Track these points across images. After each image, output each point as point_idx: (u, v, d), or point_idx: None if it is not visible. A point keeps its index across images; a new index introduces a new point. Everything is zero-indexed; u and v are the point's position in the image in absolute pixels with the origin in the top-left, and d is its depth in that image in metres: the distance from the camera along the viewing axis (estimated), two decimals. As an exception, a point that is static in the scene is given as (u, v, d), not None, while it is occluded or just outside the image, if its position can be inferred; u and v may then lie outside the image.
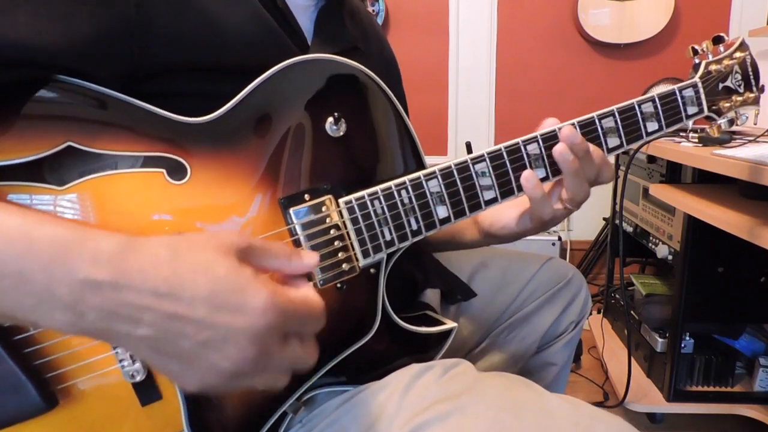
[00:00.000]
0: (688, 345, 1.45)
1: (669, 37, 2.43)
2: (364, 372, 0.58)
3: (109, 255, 0.37)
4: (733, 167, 0.98)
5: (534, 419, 0.48)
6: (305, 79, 0.53)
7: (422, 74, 2.51)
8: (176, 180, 0.48)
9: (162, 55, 0.49)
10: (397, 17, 2.47)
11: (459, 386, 0.52)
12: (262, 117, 0.52)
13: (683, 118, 0.66)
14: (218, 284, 0.37)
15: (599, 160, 0.60)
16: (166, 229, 0.48)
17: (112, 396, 0.48)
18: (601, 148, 0.61)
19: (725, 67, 0.68)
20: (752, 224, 0.94)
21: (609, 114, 0.62)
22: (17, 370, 0.43)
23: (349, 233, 0.54)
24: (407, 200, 0.56)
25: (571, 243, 2.59)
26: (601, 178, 0.61)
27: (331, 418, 0.55)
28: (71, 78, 0.46)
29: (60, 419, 0.46)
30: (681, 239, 1.38)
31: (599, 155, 0.60)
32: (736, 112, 0.69)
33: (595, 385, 1.71)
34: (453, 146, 2.58)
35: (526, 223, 0.66)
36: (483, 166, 0.58)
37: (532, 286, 0.88)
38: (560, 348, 0.90)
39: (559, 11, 2.45)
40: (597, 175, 0.61)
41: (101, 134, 0.46)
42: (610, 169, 0.62)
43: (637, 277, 1.82)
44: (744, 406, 1.43)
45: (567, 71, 2.51)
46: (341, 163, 0.55)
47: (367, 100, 0.56)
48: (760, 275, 1.38)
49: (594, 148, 0.60)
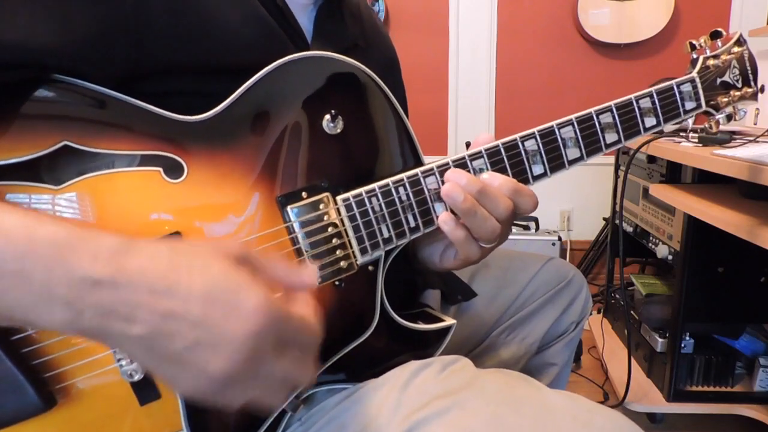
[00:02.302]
0: (688, 345, 1.45)
1: (669, 37, 2.43)
2: (364, 369, 0.58)
3: (109, 254, 0.37)
4: (733, 167, 0.98)
5: (533, 414, 0.48)
6: (301, 76, 0.53)
7: (422, 74, 2.51)
8: (173, 178, 0.48)
9: (159, 55, 0.49)
10: (397, 17, 2.47)
11: (458, 382, 0.52)
12: (258, 115, 0.52)
13: (681, 113, 0.65)
14: (214, 283, 0.38)
15: (507, 191, 0.55)
16: (166, 228, 0.48)
17: (111, 395, 0.47)
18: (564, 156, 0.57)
19: (723, 62, 0.68)
20: (752, 224, 0.94)
21: (606, 109, 0.61)
22: (15, 370, 0.43)
23: (346, 231, 0.54)
24: (405, 197, 0.56)
25: (571, 243, 2.59)
26: (519, 209, 0.57)
27: (330, 415, 0.55)
28: (67, 77, 0.46)
29: (58, 419, 0.46)
30: (681, 239, 1.38)
31: (507, 187, 0.55)
32: (734, 107, 0.69)
33: (595, 385, 1.71)
34: (453, 146, 2.58)
35: (449, 258, 0.63)
36: (480, 162, 0.58)
37: (533, 287, 0.87)
38: (561, 348, 0.90)
39: (559, 11, 2.45)
40: (508, 209, 0.55)
41: (98, 133, 0.46)
42: (527, 198, 0.57)
43: (637, 277, 1.82)
44: (744, 406, 1.43)
45: (567, 71, 2.51)
46: (339, 161, 0.55)
47: (364, 98, 0.56)
48: (760, 275, 1.38)
49: (500, 182, 0.55)
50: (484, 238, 0.56)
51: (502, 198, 0.55)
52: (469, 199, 0.54)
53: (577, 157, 0.61)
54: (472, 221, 0.55)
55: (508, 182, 0.56)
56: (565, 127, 0.60)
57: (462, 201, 0.54)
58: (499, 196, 0.55)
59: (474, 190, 0.54)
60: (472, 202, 0.54)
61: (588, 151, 0.61)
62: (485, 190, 0.54)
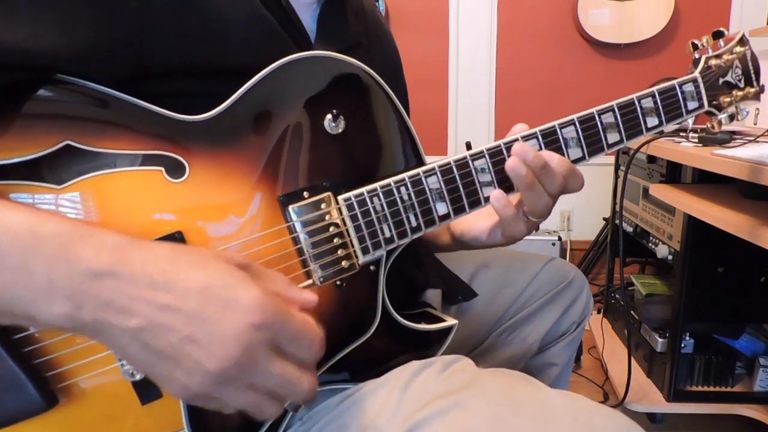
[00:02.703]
0: (688, 345, 1.45)
1: (669, 37, 2.43)
2: (365, 369, 0.58)
3: (112, 248, 0.38)
4: (733, 167, 0.98)
5: (533, 414, 0.48)
6: (303, 76, 0.53)
7: (422, 74, 2.51)
8: (175, 178, 0.48)
9: (163, 56, 0.49)
10: (397, 17, 2.48)
11: (459, 382, 0.52)
12: (260, 114, 0.52)
13: (683, 113, 0.65)
14: (212, 279, 0.38)
15: (563, 170, 0.58)
16: (167, 227, 0.48)
17: (112, 394, 0.47)
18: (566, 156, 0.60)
19: (725, 62, 0.68)
20: (752, 224, 0.94)
21: (609, 109, 0.61)
22: (17, 369, 0.43)
23: (348, 230, 0.54)
24: (406, 197, 0.56)
25: (571, 243, 2.59)
26: (568, 188, 0.60)
27: (331, 415, 0.55)
28: (70, 77, 0.46)
29: (60, 418, 0.46)
30: (681, 239, 1.38)
31: (564, 166, 0.58)
32: (736, 107, 0.69)
33: (595, 385, 1.71)
34: (453, 146, 2.58)
35: (496, 237, 0.66)
36: (482, 162, 0.58)
37: (534, 287, 0.87)
38: (562, 348, 0.90)
39: (559, 11, 2.45)
40: (562, 187, 0.59)
41: (100, 133, 0.46)
42: (577, 179, 0.60)
43: (637, 277, 1.82)
44: (744, 406, 1.43)
45: (567, 71, 2.51)
46: (340, 161, 0.55)
47: (366, 97, 0.56)
48: (760, 275, 1.38)
49: (558, 160, 0.58)
50: (537, 212, 0.59)
51: (559, 176, 0.58)
52: (530, 175, 0.56)
53: (579, 157, 0.61)
54: (529, 196, 0.58)
55: (564, 161, 0.58)
56: (567, 127, 0.60)
57: (524, 175, 0.56)
58: (557, 173, 0.58)
59: (537, 166, 0.56)
60: (533, 177, 0.57)
61: (590, 150, 0.61)
62: (546, 166, 0.57)
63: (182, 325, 0.37)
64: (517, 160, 0.56)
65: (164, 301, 0.37)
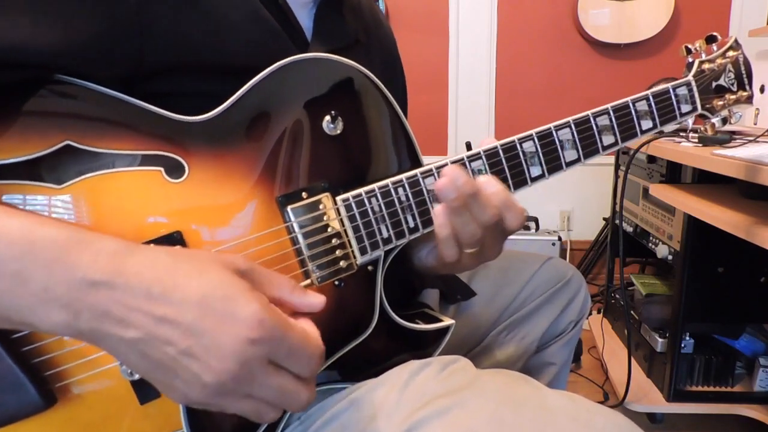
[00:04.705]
0: (688, 345, 1.45)
1: (669, 37, 2.43)
2: (363, 369, 0.58)
3: (109, 256, 0.37)
4: (733, 167, 0.98)
5: (533, 414, 0.48)
6: (301, 77, 0.53)
7: (422, 74, 2.51)
8: (174, 178, 0.48)
9: (162, 55, 0.49)
10: (397, 17, 2.48)
11: (458, 382, 0.52)
12: (259, 116, 0.52)
13: (677, 116, 0.66)
14: (210, 290, 0.38)
15: (498, 201, 0.53)
16: (166, 228, 0.48)
17: (111, 394, 0.48)
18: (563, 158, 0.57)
19: (718, 66, 0.69)
20: (752, 224, 0.94)
21: (604, 112, 0.62)
22: (16, 368, 0.43)
23: (346, 231, 0.55)
24: (404, 197, 0.56)
25: (571, 243, 2.59)
26: (505, 223, 0.54)
27: (329, 414, 0.55)
28: (70, 77, 0.46)
29: (59, 417, 0.46)
30: (681, 239, 1.38)
31: (499, 197, 0.53)
32: (729, 111, 0.70)
33: (595, 385, 1.71)
34: (453, 146, 2.59)
35: (428, 260, 0.63)
36: (479, 163, 0.58)
37: (532, 286, 0.88)
38: (560, 347, 0.90)
39: (559, 11, 2.45)
40: (495, 218, 0.53)
41: (99, 133, 0.47)
42: (515, 214, 0.54)
43: (637, 277, 1.82)
44: (744, 406, 1.43)
45: (567, 71, 2.51)
46: (338, 161, 0.55)
47: (364, 98, 0.56)
48: (760, 275, 1.38)
49: (495, 190, 0.53)
50: (463, 241, 0.55)
51: (491, 207, 0.53)
52: (460, 199, 0.52)
53: (574, 159, 0.62)
54: (456, 221, 0.54)
55: (501, 193, 0.53)
56: (563, 130, 0.61)
57: (453, 199, 0.52)
58: (489, 204, 0.53)
59: (467, 192, 0.52)
60: (462, 202, 0.52)
61: (585, 153, 0.62)
62: (478, 194, 0.53)
63: (180, 338, 0.37)
64: (447, 182, 0.51)
65: (161, 313, 0.37)
